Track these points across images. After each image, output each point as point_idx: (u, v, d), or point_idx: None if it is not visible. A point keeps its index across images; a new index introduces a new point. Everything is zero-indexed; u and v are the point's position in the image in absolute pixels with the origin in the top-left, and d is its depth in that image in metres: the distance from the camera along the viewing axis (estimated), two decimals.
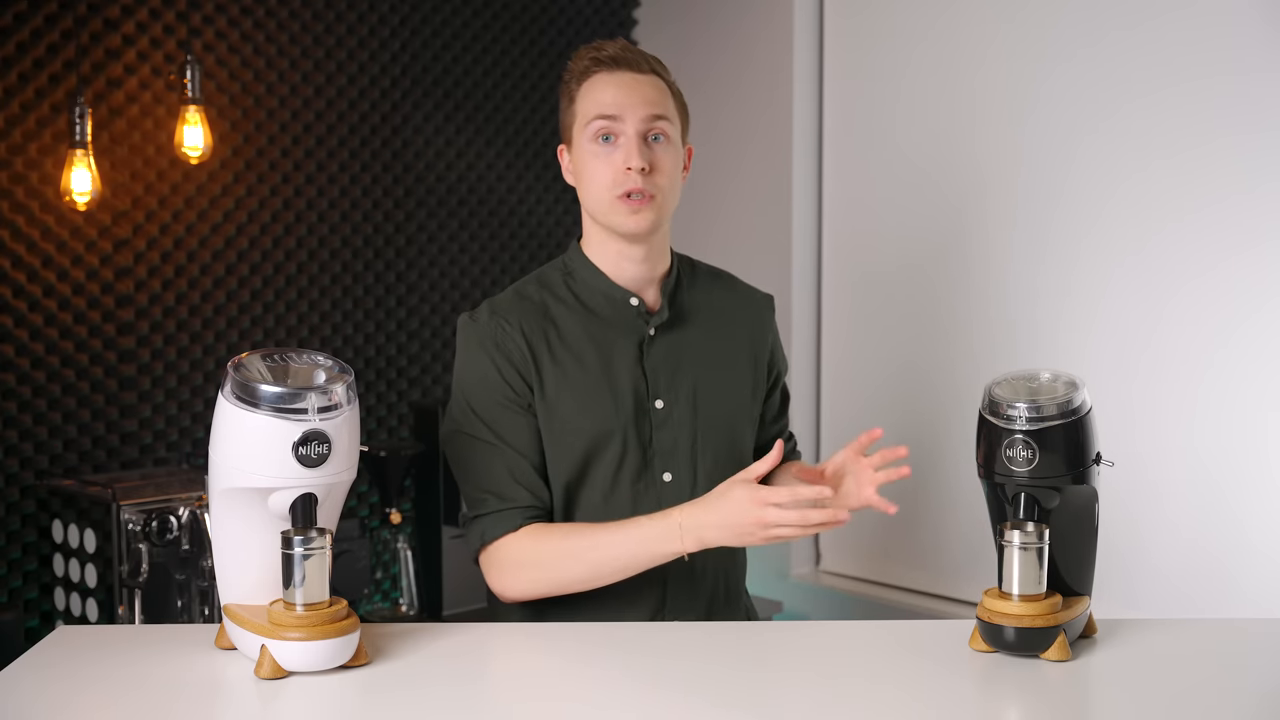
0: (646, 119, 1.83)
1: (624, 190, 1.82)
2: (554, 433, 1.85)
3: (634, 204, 1.82)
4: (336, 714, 1.44)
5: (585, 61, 1.86)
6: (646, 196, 1.82)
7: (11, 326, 2.64)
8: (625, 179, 1.82)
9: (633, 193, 1.82)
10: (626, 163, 1.81)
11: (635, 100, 1.83)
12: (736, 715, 1.43)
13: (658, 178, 1.83)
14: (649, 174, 1.82)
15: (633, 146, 1.81)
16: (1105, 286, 2.63)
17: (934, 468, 2.90)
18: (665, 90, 1.87)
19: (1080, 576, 1.62)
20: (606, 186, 1.83)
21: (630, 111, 1.82)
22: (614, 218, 1.84)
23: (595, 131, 1.83)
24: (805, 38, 3.18)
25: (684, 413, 1.88)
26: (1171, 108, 2.51)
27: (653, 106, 1.83)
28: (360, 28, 3.11)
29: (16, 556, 2.65)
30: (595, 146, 1.84)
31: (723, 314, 1.96)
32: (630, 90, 1.83)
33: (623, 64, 1.84)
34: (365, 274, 3.14)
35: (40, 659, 1.60)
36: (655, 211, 1.84)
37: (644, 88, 1.84)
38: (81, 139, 2.57)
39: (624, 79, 1.84)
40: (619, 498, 1.85)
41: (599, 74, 1.85)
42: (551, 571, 1.78)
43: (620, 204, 1.83)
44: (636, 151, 1.81)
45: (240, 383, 1.49)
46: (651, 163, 1.82)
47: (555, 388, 1.85)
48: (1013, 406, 1.55)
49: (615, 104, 1.82)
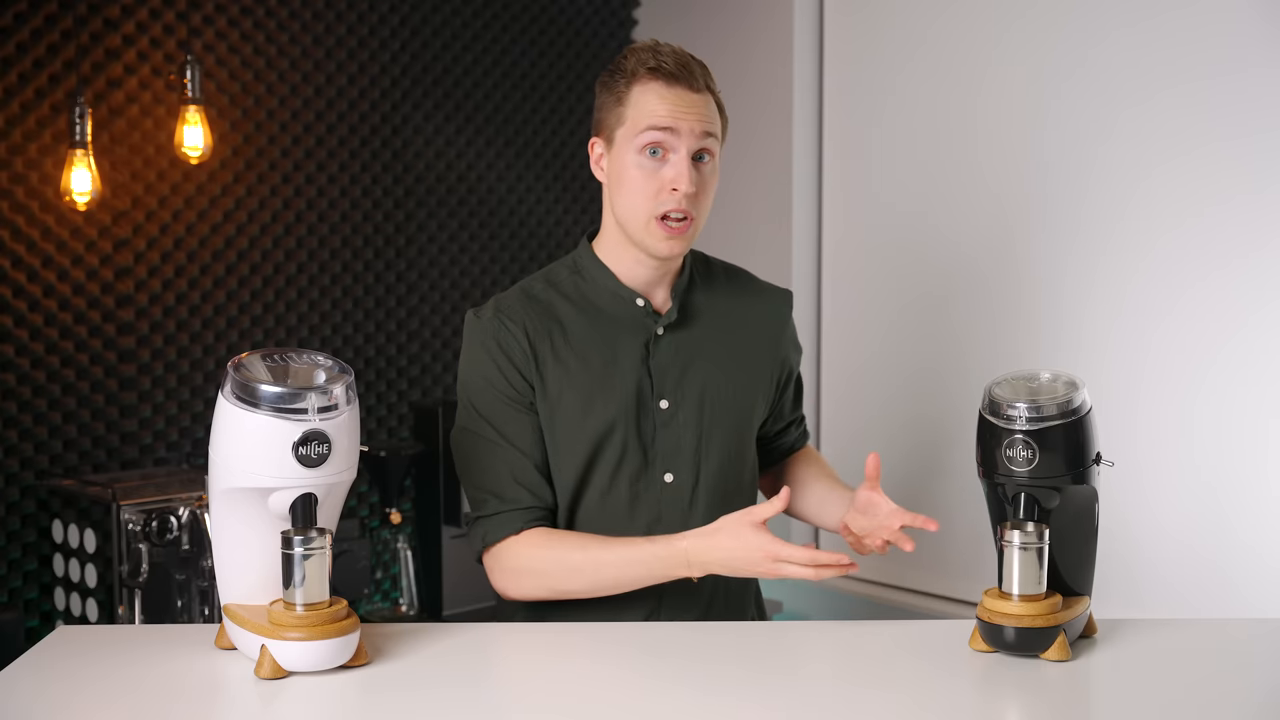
0: (700, 136, 1.79)
1: (664, 210, 1.79)
2: (555, 431, 1.85)
3: (673, 230, 1.80)
4: (336, 714, 1.44)
5: (645, 66, 1.80)
6: (687, 220, 1.80)
7: (11, 326, 2.64)
8: (669, 199, 1.79)
9: (672, 215, 1.79)
10: (675, 183, 1.78)
11: (692, 119, 1.79)
12: (736, 715, 1.43)
13: (700, 200, 1.81)
14: (693, 196, 1.80)
15: (684, 166, 1.78)
16: (1106, 286, 2.63)
17: (934, 468, 2.90)
18: (715, 108, 1.84)
19: (1080, 576, 1.62)
20: (647, 202, 1.80)
21: (686, 128, 1.78)
22: (648, 239, 1.81)
23: (645, 143, 1.79)
24: (805, 37, 3.18)
25: (690, 414, 1.87)
26: (1174, 109, 2.51)
27: (706, 125, 1.80)
28: (360, 28, 3.11)
29: (16, 556, 2.65)
30: (641, 158, 1.80)
31: (737, 314, 1.95)
32: (688, 108, 1.79)
33: (682, 79, 1.79)
34: (365, 274, 3.14)
35: (40, 659, 1.60)
36: (690, 237, 1.83)
37: (699, 106, 1.80)
38: (81, 139, 2.57)
39: (681, 95, 1.79)
40: (617, 496, 1.85)
41: (656, 83, 1.79)
42: (553, 580, 1.79)
43: (657, 226, 1.80)
44: (687, 174, 1.78)
45: (240, 383, 1.49)
46: (699, 185, 1.80)
47: (557, 386, 1.84)
48: (1013, 406, 1.55)
49: (672, 120, 1.78)
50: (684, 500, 1.86)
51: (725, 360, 1.91)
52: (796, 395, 2.07)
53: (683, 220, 1.80)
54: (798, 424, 2.09)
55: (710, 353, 1.90)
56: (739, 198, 3.27)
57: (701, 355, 1.89)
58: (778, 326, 1.99)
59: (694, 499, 1.86)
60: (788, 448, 2.08)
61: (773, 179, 3.22)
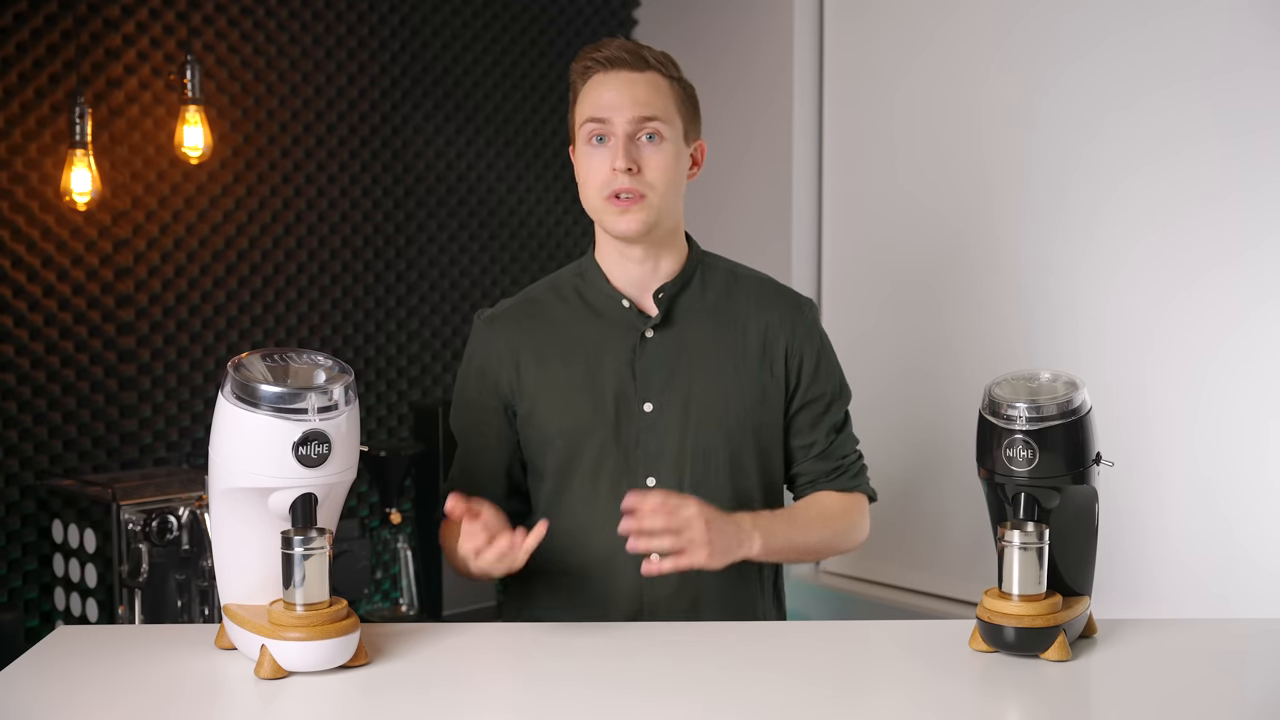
0: (635, 120, 1.81)
1: (611, 190, 1.81)
2: (532, 431, 1.88)
3: (622, 204, 1.81)
4: (336, 714, 1.44)
5: (586, 62, 1.86)
6: (636, 196, 1.81)
7: (11, 326, 2.64)
8: (612, 179, 1.81)
9: (621, 193, 1.81)
10: (612, 163, 1.81)
11: (625, 101, 1.81)
12: (736, 715, 1.43)
13: (648, 176, 1.81)
14: (637, 174, 1.80)
15: (619, 147, 1.80)
16: (1106, 286, 2.63)
17: (934, 468, 2.90)
18: (665, 88, 1.84)
19: (1080, 576, 1.62)
20: (597, 187, 1.83)
21: (618, 113, 1.81)
22: (605, 218, 1.84)
23: (589, 133, 1.83)
24: (806, 38, 3.18)
25: (674, 417, 1.85)
26: (1174, 108, 2.51)
27: (642, 108, 1.81)
28: (360, 28, 3.11)
29: (16, 556, 2.65)
30: (588, 148, 1.84)
31: (735, 316, 1.91)
32: (621, 90, 1.82)
33: (618, 64, 1.83)
34: (365, 274, 3.14)
35: (40, 659, 1.60)
36: (646, 211, 1.82)
37: (637, 87, 1.82)
38: (81, 139, 2.57)
39: (619, 79, 1.83)
40: (599, 499, 1.84)
41: (596, 74, 1.85)
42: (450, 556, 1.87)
43: (609, 205, 1.82)
44: (622, 152, 1.80)
45: (240, 383, 1.49)
46: (639, 162, 1.80)
47: (537, 387, 1.87)
48: (1013, 406, 1.55)
49: (606, 105, 1.82)
50: None
51: (717, 364, 1.88)
52: (818, 419, 1.94)
53: (631, 197, 1.81)
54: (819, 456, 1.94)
55: (701, 356, 1.87)
56: (739, 198, 3.27)
57: (691, 359, 1.87)
58: (779, 331, 1.92)
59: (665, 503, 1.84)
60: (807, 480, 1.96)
61: (773, 179, 3.22)
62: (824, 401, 1.94)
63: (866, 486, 1.98)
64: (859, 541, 1.97)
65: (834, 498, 1.95)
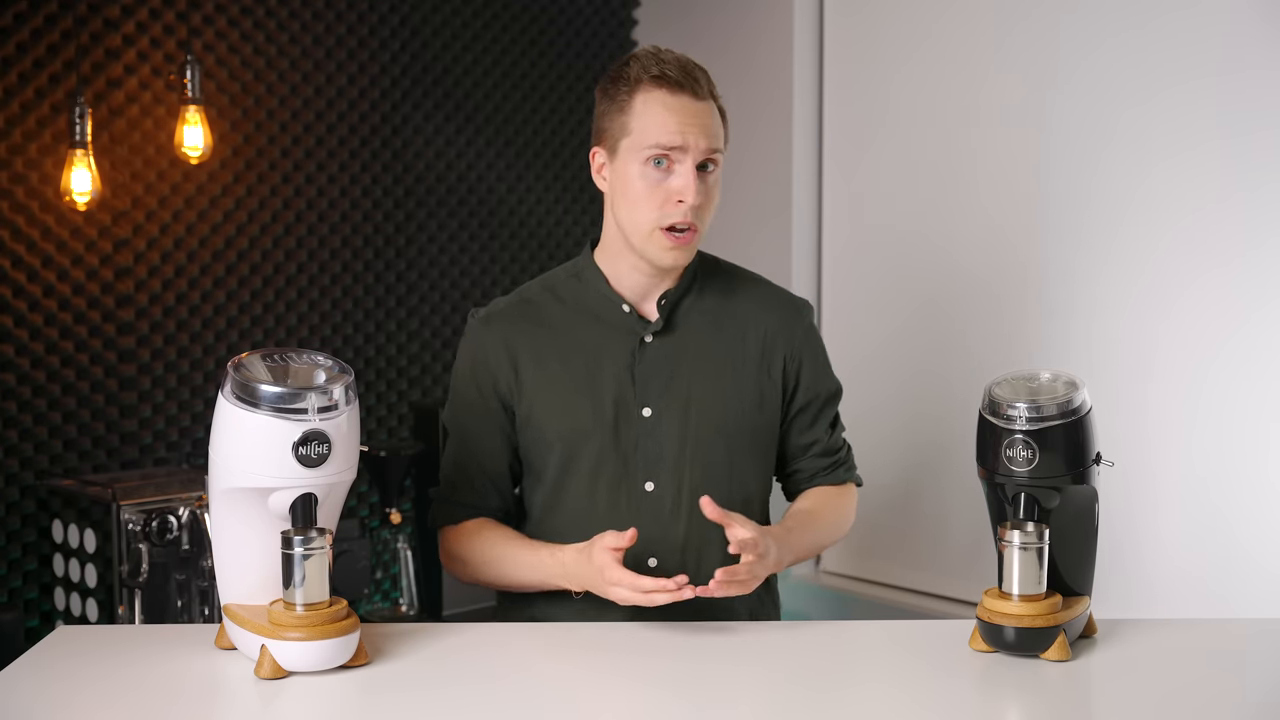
0: (706, 150, 1.77)
1: (670, 222, 1.78)
2: (530, 434, 1.87)
3: (678, 240, 1.79)
4: (336, 714, 1.44)
5: (649, 74, 1.78)
6: (691, 231, 1.79)
7: (11, 326, 2.64)
8: (674, 210, 1.77)
9: (678, 227, 1.78)
10: (681, 194, 1.76)
11: (697, 131, 1.77)
12: (736, 715, 1.43)
13: (704, 211, 1.80)
14: (698, 208, 1.78)
15: (690, 179, 1.76)
16: (1106, 285, 2.63)
17: (934, 468, 2.90)
18: (718, 117, 1.81)
19: (1080, 576, 1.62)
20: (652, 213, 1.78)
21: (693, 142, 1.76)
22: (651, 249, 1.80)
23: (651, 155, 1.77)
24: (805, 38, 3.18)
25: (673, 422, 1.85)
26: (1174, 108, 2.51)
27: (712, 138, 1.78)
28: (360, 28, 3.11)
29: (16, 556, 2.65)
30: (646, 169, 1.78)
31: (734, 320, 1.90)
32: (693, 119, 1.77)
33: (686, 88, 1.77)
34: (365, 274, 3.14)
35: (40, 659, 1.60)
36: (694, 247, 1.82)
37: (704, 116, 1.78)
38: (81, 139, 2.57)
39: (686, 105, 1.77)
40: (597, 504, 1.84)
41: (659, 92, 1.77)
42: (472, 570, 1.89)
43: (662, 236, 1.78)
44: (693, 186, 1.76)
45: (240, 383, 1.49)
46: (704, 196, 1.78)
47: (535, 390, 1.86)
48: (1013, 406, 1.55)
49: (679, 132, 1.76)
50: (665, 510, 1.84)
51: (715, 368, 1.87)
52: (816, 417, 1.95)
53: (686, 231, 1.79)
54: (819, 453, 1.96)
55: (700, 361, 1.87)
56: (739, 198, 3.27)
57: (691, 364, 1.86)
58: (776, 333, 1.91)
59: (676, 509, 1.84)
60: (805, 477, 1.97)
61: (773, 179, 3.22)
62: (821, 400, 1.96)
63: (855, 475, 2.02)
64: (848, 530, 2.02)
65: (829, 492, 1.97)
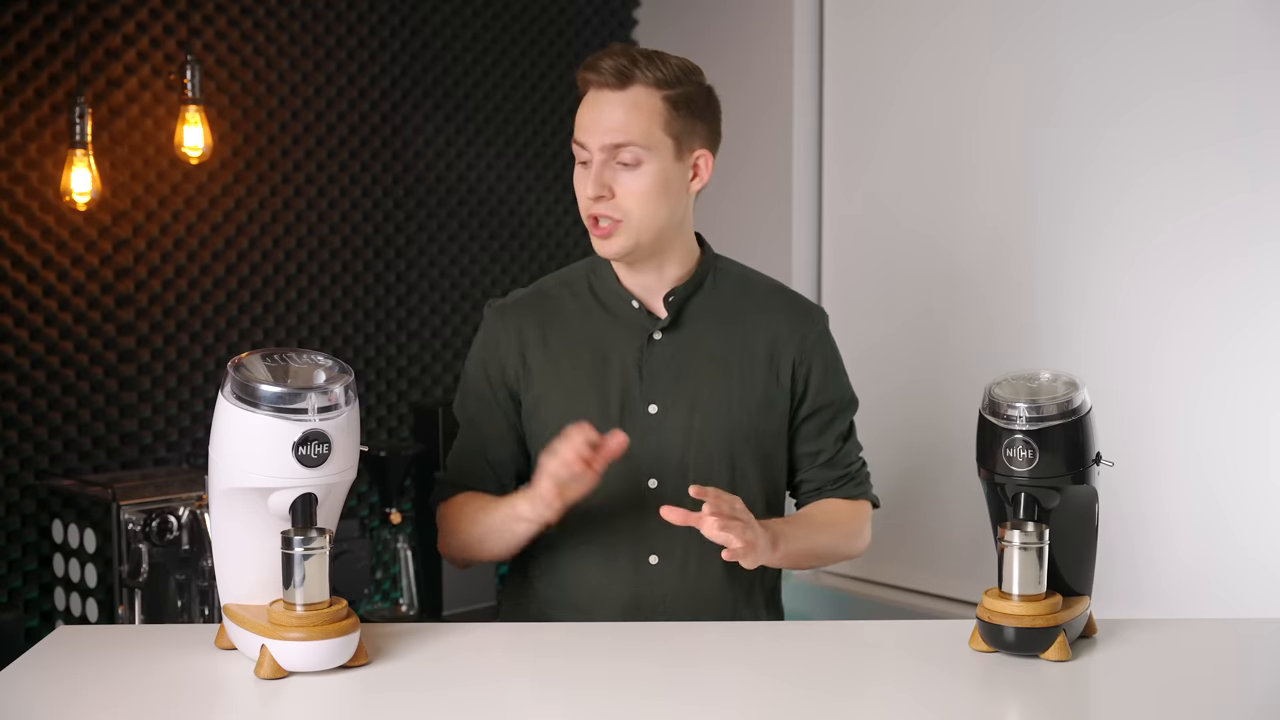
0: (606, 148, 1.80)
1: (589, 214, 1.83)
2: (537, 425, 1.88)
3: (601, 230, 1.83)
4: (336, 714, 1.44)
5: (585, 73, 1.84)
6: (613, 222, 1.81)
7: (11, 326, 2.64)
8: (590, 205, 1.83)
9: (600, 217, 1.82)
10: (584, 190, 1.82)
11: (600, 127, 1.80)
12: (736, 715, 1.43)
13: (622, 203, 1.81)
14: (611, 199, 1.80)
15: (589, 175, 1.81)
16: (1106, 285, 2.63)
17: (934, 468, 2.90)
18: (648, 106, 1.80)
19: (1080, 576, 1.62)
20: (582, 208, 1.85)
21: (593, 138, 1.80)
22: (591, 238, 1.86)
23: (575, 152, 1.85)
24: (805, 38, 3.18)
25: (679, 420, 1.85)
26: (1173, 108, 2.51)
27: (615, 134, 1.79)
28: (360, 28, 3.11)
29: (16, 556, 2.65)
30: (578, 167, 1.86)
31: (745, 322, 1.90)
32: (600, 114, 1.80)
33: (605, 83, 1.81)
34: (365, 274, 3.14)
35: (40, 659, 1.60)
36: (625, 236, 1.82)
37: (614, 110, 1.79)
38: (81, 139, 2.57)
39: (599, 100, 1.81)
40: (601, 499, 1.84)
41: (589, 92, 1.84)
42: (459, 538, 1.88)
43: (591, 227, 1.84)
44: (593, 179, 1.80)
45: (240, 383, 1.49)
46: (612, 188, 1.80)
47: (544, 384, 1.87)
48: (1013, 406, 1.55)
49: (584, 128, 1.82)
50: None
51: (724, 370, 1.87)
52: (824, 427, 1.94)
53: (608, 222, 1.81)
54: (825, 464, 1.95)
55: (708, 361, 1.87)
56: (739, 198, 3.27)
57: (699, 363, 1.87)
58: (787, 339, 1.91)
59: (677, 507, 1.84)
60: (812, 489, 1.97)
61: (773, 179, 3.22)
62: (832, 410, 1.94)
63: (871, 494, 1.99)
64: (861, 549, 1.98)
65: (840, 504, 1.95)
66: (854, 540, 1.96)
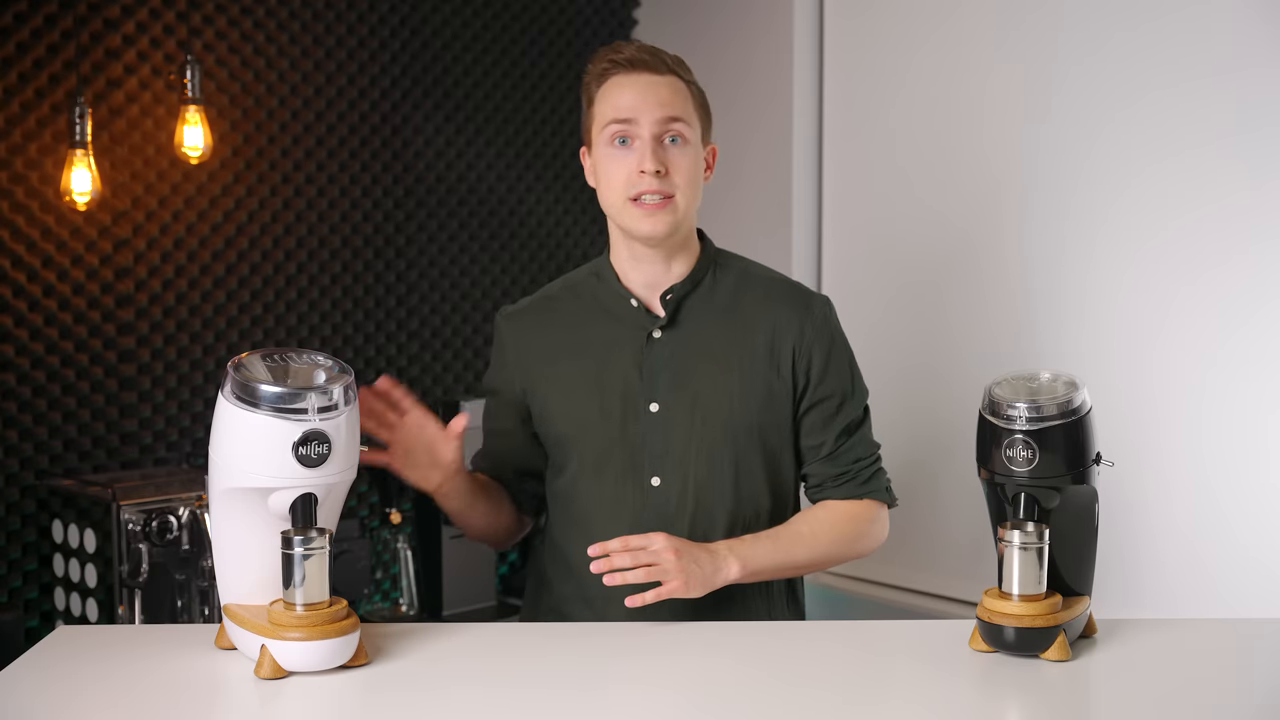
0: (661, 121, 1.82)
1: (636, 192, 1.81)
2: (544, 428, 1.93)
3: (648, 207, 1.82)
4: (336, 714, 1.44)
5: (603, 64, 1.86)
6: (664, 198, 1.81)
7: (11, 326, 2.64)
8: (639, 181, 1.81)
9: (646, 194, 1.81)
10: (640, 165, 1.81)
11: (650, 102, 1.82)
12: (736, 715, 1.43)
13: (675, 178, 1.82)
14: (665, 176, 1.81)
15: (646, 149, 1.81)
16: (1106, 285, 2.63)
17: (934, 467, 2.90)
18: (683, 91, 1.86)
19: (1080, 576, 1.62)
20: (620, 189, 1.83)
21: (645, 114, 1.82)
22: (627, 221, 1.84)
23: (611, 135, 1.84)
24: (805, 38, 3.18)
25: (681, 417, 1.85)
26: (1173, 106, 2.51)
27: (667, 108, 1.82)
28: (360, 28, 3.11)
29: (16, 556, 2.65)
30: (611, 149, 1.84)
31: (744, 316, 1.90)
32: (646, 92, 1.83)
33: (639, 65, 1.84)
34: (365, 274, 3.14)
35: (40, 659, 1.60)
36: (673, 213, 1.82)
37: (660, 89, 1.83)
38: (81, 139, 2.57)
39: (640, 81, 1.84)
40: (604, 497, 1.86)
41: (616, 76, 1.85)
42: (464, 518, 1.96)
43: (633, 208, 1.82)
44: (650, 154, 1.81)
45: (240, 383, 1.49)
46: (666, 164, 1.81)
47: (547, 386, 1.90)
48: (1013, 406, 1.55)
49: (630, 107, 1.82)
50: (670, 505, 1.85)
51: (724, 366, 1.87)
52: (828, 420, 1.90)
53: (658, 199, 1.81)
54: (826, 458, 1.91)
55: (710, 357, 1.87)
56: (739, 198, 3.27)
57: (698, 360, 1.87)
58: (788, 329, 1.89)
59: (680, 505, 1.85)
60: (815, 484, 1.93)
61: (773, 179, 3.22)
62: (834, 402, 1.91)
63: (882, 493, 1.93)
64: (868, 549, 1.94)
65: (835, 507, 1.91)
66: (853, 544, 1.91)
